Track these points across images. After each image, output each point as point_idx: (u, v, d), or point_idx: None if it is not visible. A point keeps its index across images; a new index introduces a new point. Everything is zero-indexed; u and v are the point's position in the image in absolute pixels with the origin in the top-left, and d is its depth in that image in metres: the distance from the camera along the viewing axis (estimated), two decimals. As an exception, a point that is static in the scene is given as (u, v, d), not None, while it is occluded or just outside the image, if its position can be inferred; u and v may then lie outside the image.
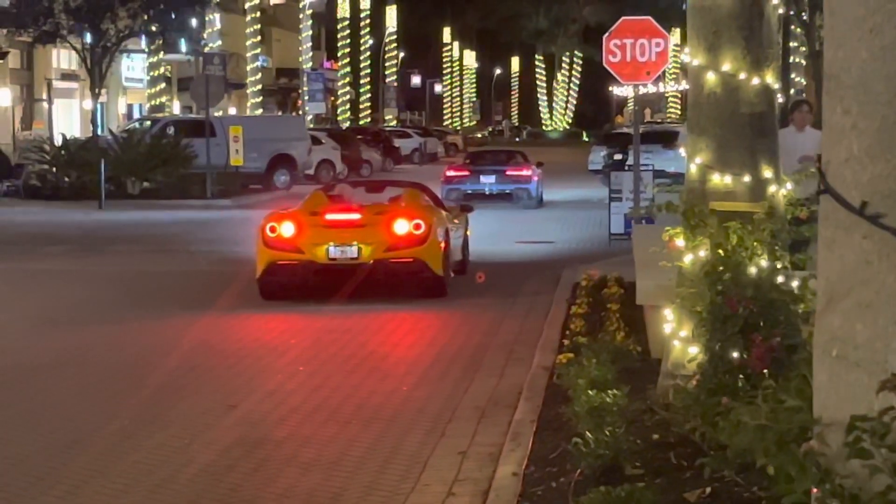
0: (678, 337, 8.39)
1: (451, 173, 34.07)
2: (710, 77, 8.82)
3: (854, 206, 4.14)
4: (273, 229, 16.50)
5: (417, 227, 16.50)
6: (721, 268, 7.84)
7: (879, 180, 4.16)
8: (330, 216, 16.76)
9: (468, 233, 19.52)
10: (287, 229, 16.45)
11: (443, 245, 16.84)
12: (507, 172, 33.63)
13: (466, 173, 33.83)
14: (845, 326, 4.19)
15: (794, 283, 7.84)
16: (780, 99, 9.59)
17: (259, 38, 69.95)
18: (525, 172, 33.70)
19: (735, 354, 7.39)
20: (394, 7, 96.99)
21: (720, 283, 7.73)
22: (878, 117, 4.16)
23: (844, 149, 4.20)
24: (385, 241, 16.43)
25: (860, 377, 4.16)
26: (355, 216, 16.73)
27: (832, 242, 4.24)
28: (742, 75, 8.76)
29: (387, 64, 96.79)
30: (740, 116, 8.81)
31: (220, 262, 21.42)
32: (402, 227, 16.49)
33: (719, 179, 8.73)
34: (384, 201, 18.20)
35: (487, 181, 33.33)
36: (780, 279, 7.86)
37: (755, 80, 8.77)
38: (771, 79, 8.86)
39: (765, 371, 7.06)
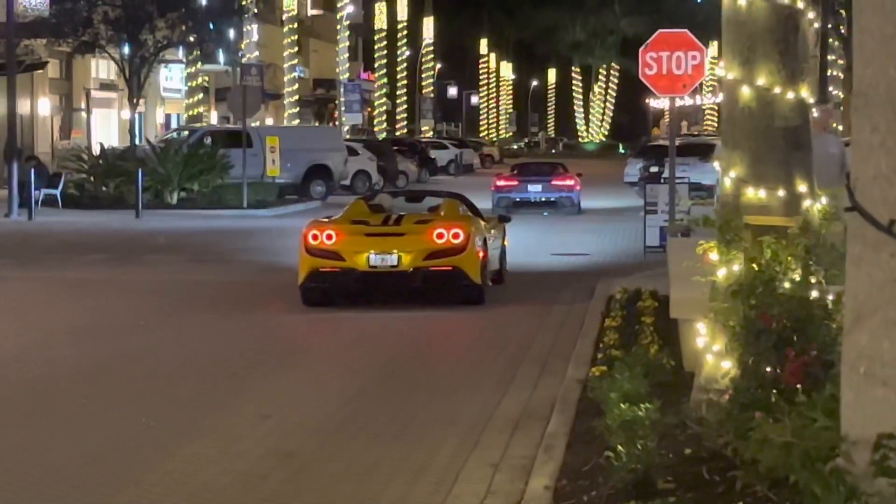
0: (711, 351, 8.38)
1: (501, 183, 36.39)
2: (745, 91, 8.81)
3: (882, 224, 4.14)
4: (315, 237, 16.73)
5: (456, 236, 16.67)
6: (755, 282, 7.83)
7: (908, 199, 4.16)
8: (371, 224, 16.96)
9: (505, 242, 19.60)
10: (329, 237, 16.66)
11: (481, 254, 16.99)
12: (553, 182, 36.30)
13: (515, 183, 36.21)
14: (873, 344, 4.18)
15: (829, 298, 7.82)
16: (814, 113, 9.57)
17: (296, 48, 70.12)
18: (568, 182, 36.28)
19: (768, 369, 7.37)
20: (431, 18, 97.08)
21: (753, 297, 7.72)
22: (906, 136, 4.17)
23: (873, 166, 4.20)
24: (424, 249, 16.60)
25: (887, 395, 4.15)
26: (395, 225, 16.93)
27: (860, 260, 4.24)
28: (777, 89, 8.75)
29: (423, 75, 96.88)
30: (775, 130, 8.80)
31: (259, 271, 21.51)
32: (441, 235, 16.65)
33: (753, 193, 8.72)
34: (423, 210, 18.37)
35: (534, 190, 35.94)
36: (814, 294, 7.85)
37: (790, 95, 8.76)
38: (806, 93, 8.85)
39: (798, 387, 7.04)
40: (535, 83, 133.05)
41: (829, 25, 36.67)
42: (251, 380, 12.25)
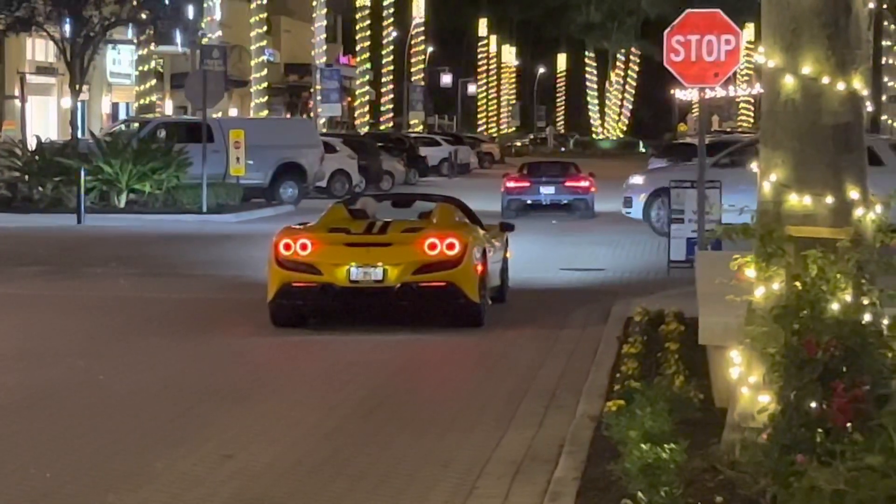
0: (747, 383, 8.40)
1: (511, 184, 38.44)
2: (788, 81, 8.84)
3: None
4: (287, 247, 16.74)
5: (451, 246, 16.69)
6: (798, 304, 7.84)
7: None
8: (352, 233, 16.98)
9: (508, 255, 19.62)
10: (303, 247, 16.68)
11: (480, 268, 17.02)
12: (566, 184, 38.31)
13: (526, 184, 38.35)
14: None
15: (884, 323, 7.83)
16: (868, 107, 9.59)
17: (265, 28, 70.26)
18: (583, 184, 38.50)
19: (813, 405, 7.38)
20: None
21: (797, 321, 7.73)
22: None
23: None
24: (414, 262, 16.63)
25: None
26: (380, 233, 16.96)
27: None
28: (825, 79, 8.77)
29: (413, 60, 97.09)
30: (822, 127, 8.83)
31: (221, 287, 21.51)
32: (433, 246, 16.68)
33: (797, 200, 8.74)
34: (413, 217, 18.42)
35: (546, 192, 38.09)
36: (866, 318, 7.86)
37: (840, 86, 8.78)
38: (859, 84, 8.87)
39: (847, 425, 7.05)
40: (542, 70, 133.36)
41: (885, 6, 36.78)
42: (211, 414, 12.23)
